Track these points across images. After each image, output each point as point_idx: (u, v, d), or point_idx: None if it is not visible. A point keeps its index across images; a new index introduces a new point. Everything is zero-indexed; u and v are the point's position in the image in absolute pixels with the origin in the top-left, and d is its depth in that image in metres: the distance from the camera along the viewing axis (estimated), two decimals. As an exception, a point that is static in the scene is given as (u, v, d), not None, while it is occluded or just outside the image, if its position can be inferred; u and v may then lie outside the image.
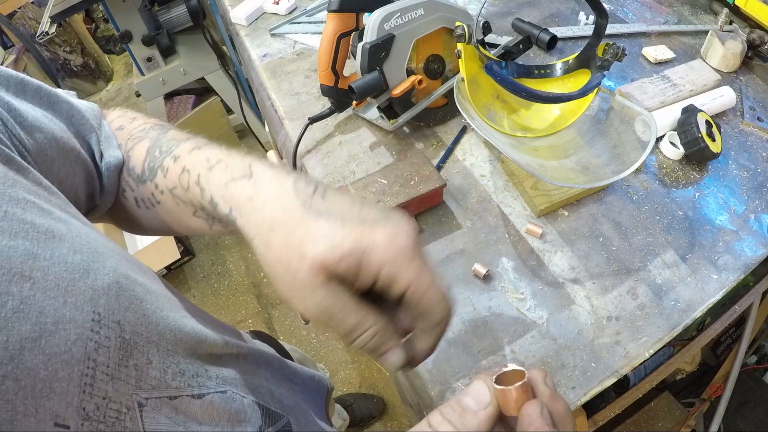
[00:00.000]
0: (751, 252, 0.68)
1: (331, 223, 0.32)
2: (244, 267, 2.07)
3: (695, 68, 0.87)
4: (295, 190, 0.34)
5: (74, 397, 0.27)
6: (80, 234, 0.32)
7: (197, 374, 0.36)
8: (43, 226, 0.30)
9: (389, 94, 0.78)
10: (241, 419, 0.38)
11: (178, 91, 2.32)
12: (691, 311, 0.64)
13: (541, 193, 0.74)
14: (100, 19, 3.18)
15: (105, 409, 0.28)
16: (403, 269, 0.32)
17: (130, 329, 0.31)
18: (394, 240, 0.32)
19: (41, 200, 0.32)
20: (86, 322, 0.29)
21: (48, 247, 0.29)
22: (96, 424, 0.28)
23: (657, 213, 0.73)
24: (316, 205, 0.33)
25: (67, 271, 0.29)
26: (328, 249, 0.31)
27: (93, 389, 0.28)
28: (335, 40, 0.78)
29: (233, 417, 0.38)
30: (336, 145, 0.86)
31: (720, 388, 1.15)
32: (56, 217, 0.31)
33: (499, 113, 0.81)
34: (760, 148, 0.80)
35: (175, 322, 0.36)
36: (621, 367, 0.60)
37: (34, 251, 0.28)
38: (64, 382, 0.27)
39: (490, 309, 0.66)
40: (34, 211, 0.30)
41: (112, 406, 0.29)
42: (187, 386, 0.35)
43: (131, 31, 1.83)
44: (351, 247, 0.31)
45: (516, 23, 0.98)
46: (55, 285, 0.28)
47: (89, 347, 0.28)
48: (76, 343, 0.28)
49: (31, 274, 0.27)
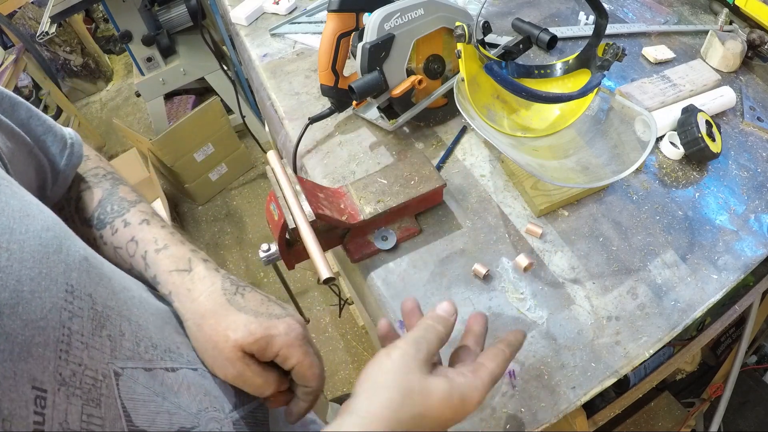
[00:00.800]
0: (751, 252, 0.68)
1: (247, 317, 0.43)
2: (244, 267, 2.07)
3: (695, 68, 0.87)
4: (222, 289, 0.45)
5: (50, 362, 0.29)
6: (50, 215, 0.35)
7: (169, 350, 0.41)
8: (17, 205, 0.32)
9: (389, 94, 0.78)
10: (215, 395, 0.43)
11: (178, 91, 2.32)
12: (691, 311, 0.64)
13: (541, 193, 0.74)
14: (100, 19, 3.18)
15: (81, 376, 0.31)
16: (293, 352, 0.44)
17: (101, 302, 0.35)
18: (289, 332, 0.44)
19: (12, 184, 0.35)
20: (60, 292, 0.31)
21: (23, 223, 0.31)
22: (72, 389, 0.30)
23: (657, 213, 0.73)
24: (237, 302, 0.45)
25: (41, 245, 0.32)
26: (246, 335, 0.42)
27: (69, 356, 0.30)
28: (335, 40, 0.78)
29: (209, 392, 0.43)
30: (336, 145, 0.86)
31: (720, 388, 1.15)
32: (27, 199, 0.34)
33: (499, 113, 0.81)
34: (760, 148, 0.80)
35: (143, 300, 0.42)
36: (621, 367, 0.60)
37: (10, 226, 0.30)
38: (40, 347, 0.29)
39: (490, 309, 0.66)
40: (8, 192, 0.33)
41: (88, 373, 0.31)
42: (160, 359, 0.39)
43: (131, 31, 1.83)
44: (261, 334, 0.43)
45: (516, 23, 0.98)
46: (31, 257, 0.30)
47: (63, 316, 0.31)
48: (51, 311, 0.30)
49: (8, 246, 0.29)
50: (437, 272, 0.69)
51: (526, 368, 0.61)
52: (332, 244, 0.72)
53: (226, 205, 2.30)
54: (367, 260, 0.71)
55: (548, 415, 0.58)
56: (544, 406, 0.58)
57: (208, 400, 0.42)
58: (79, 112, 2.66)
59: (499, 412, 0.58)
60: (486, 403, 0.59)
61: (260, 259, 0.66)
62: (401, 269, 0.70)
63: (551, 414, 0.58)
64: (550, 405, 0.58)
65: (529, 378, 0.60)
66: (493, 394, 0.59)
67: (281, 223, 0.61)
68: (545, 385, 0.59)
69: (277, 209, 0.63)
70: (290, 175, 0.64)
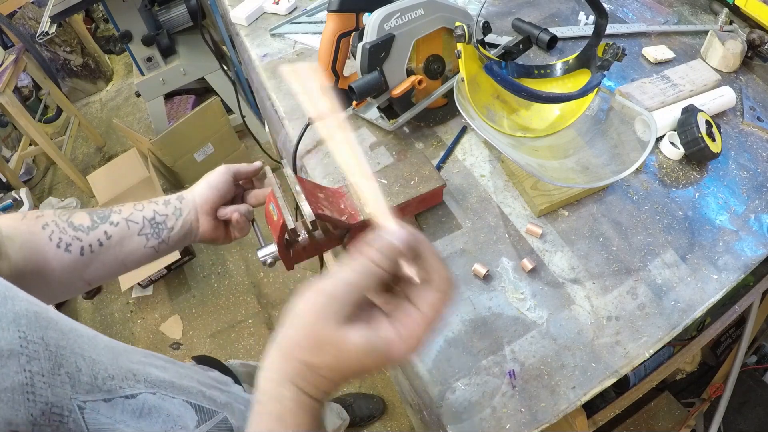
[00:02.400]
0: (751, 252, 0.68)
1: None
2: (244, 267, 2.07)
3: (695, 68, 0.87)
4: None
5: (21, 405, 0.32)
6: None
7: (126, 378, 0.42)
8: None
9: (389, 94, 0.78)
10: (177, 414, 0.45)
11: (178, 91, 2.32)
12: (691, 311, 0.64)
13: (541, 193, 0.74)
14: (100, 19, 3.18)
15: (49, 414, 0.34)
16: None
17: (54, 344, 0.37)
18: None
19: None
20: (14, 339, 0.34)
21: None
22: (44, 427, 0.33)
23: (657, 213, 0.73)
24: None
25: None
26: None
27: (35, 396, 0.33)
28: (335, 40, 0.78)
29: (170, 414, 0.44)
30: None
31: (720, 388, 1.15)
32: None
33: (499, 113, 0.81)
34: (760, 148, 0.80)
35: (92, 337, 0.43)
36: (621, 367, 0.60)
37: None
38: (9, 392, 0.32)
39: (490, 309, 0.66)
40: None
41: (55, 410, 0.34)
42: (119, 388, 0.41)
43: (131, 31, 1.83)
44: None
45: (516, 23, 0.98)
46: None
47: (22, 360, 0.34)
48: (10, 357, 0.33)
49: None
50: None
51: (526, 368, 0.61)
52: (332, 244, 0.72)
53: (226, 205, 2.30)
54: (367, 260, 0.71)
55: (548, 415, 0.58)
56: (544, 406, 0.58)
57: (172, 420, 0.43)
58: (79, 112, 2.66)
59: (499, 412, 0.58)
60: (486, 403, 0.59)
61: (259, 260, 0.66)
62: (401, 269, 0.70)
63: (551, 414, 0.58)
64: (550, 405, 0.58)
65: (529, 378, 0.60)
66: (493, 394, 0.59)
67: (280, 224, 0.61)
68: (545, 385, 0.59)
69: (276, 210, 0.62)
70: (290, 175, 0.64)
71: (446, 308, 0.38)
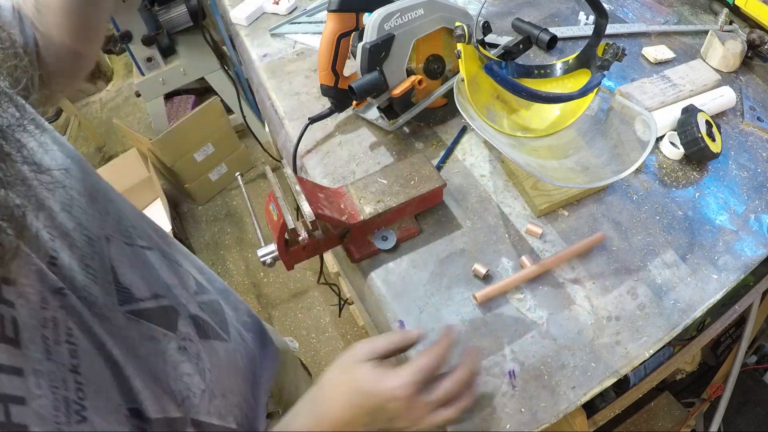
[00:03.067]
0: (751, 252, 0.68)
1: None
2: (244, 267, 2.07)
3: (695, 68, 0.87)
4: None
5: (57, 214, 0.37)
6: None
7: (145, 233, 0.50)
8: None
9: (389, 94, 0.78)
10: (181, 274, 0.52)
11: (178, 91, 2.32)
12: (691, 311, 0.64)
13: (541, 193, 0.74)
14: (100, 19, 3.18)
15: (79, 234, 0.39)
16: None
17: (90, 185, 0.43)
18: None
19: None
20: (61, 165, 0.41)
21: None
22: (74, 241, 0.38)
23: (657, 213, 0.73)
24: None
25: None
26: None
27: (71, 214, 0.39)
28: (335, 40, 0.78)
29: (176, 272, 0.51)
30: (336, 145, 0.86)
31: (720, 388, 1.15)
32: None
33: (499, 113, 0.81)
34: (760, 148, 0.80)
35: (120, 195, 0.50)
36: (621, 367, 0.60)
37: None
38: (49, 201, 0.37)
39: (490, 309, 0.66)
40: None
41: (85, 233, 0.40)
42: (138, 238, 0.48)
43: (131, 31, 1.83)
44: None
45: (516, 23, 0.98)
46: None
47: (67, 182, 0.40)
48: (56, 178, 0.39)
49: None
50: (437, 272, 0.69)
51: (526, 368, 0.61)
52: (332, 244, 0.72)
53: (226, 205, 2.30)
54: (367, 260, 0.71)
55: (548, 415, 0.58)
56: (544, 406, 0.58)
57: (176, 278, 0.51)
58: (79, 112, 2.66)
59: (499, 412, 0.58)
60: (486, 402, 0.59)
61: (259, 260, 0.66)
62: (401, 269, 0.70)
63: (551, 414, 0.58)
64: (550, 405, 0.58)
65: (529, 378, 0.60)
66: (493, 394, 0.59)
67: (280, 224, 0.61)
68: (545, 385, 0.59)
69: (276, 210, 0.63)
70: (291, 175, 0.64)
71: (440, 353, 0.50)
